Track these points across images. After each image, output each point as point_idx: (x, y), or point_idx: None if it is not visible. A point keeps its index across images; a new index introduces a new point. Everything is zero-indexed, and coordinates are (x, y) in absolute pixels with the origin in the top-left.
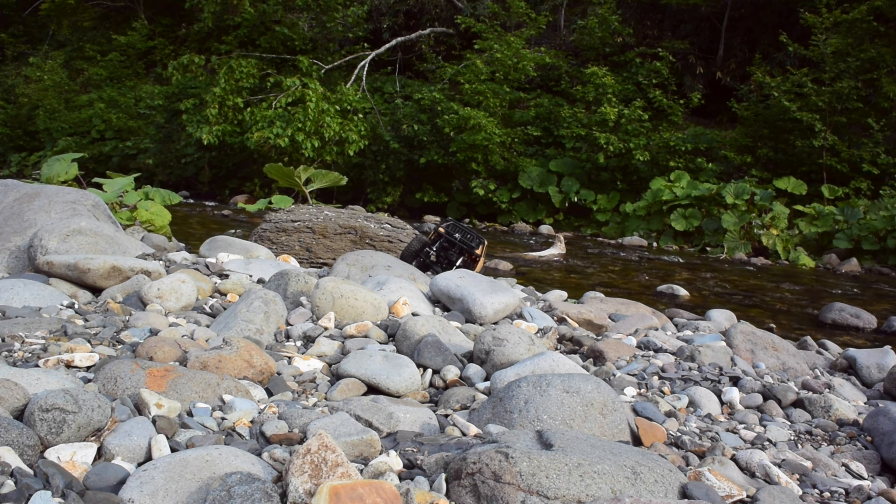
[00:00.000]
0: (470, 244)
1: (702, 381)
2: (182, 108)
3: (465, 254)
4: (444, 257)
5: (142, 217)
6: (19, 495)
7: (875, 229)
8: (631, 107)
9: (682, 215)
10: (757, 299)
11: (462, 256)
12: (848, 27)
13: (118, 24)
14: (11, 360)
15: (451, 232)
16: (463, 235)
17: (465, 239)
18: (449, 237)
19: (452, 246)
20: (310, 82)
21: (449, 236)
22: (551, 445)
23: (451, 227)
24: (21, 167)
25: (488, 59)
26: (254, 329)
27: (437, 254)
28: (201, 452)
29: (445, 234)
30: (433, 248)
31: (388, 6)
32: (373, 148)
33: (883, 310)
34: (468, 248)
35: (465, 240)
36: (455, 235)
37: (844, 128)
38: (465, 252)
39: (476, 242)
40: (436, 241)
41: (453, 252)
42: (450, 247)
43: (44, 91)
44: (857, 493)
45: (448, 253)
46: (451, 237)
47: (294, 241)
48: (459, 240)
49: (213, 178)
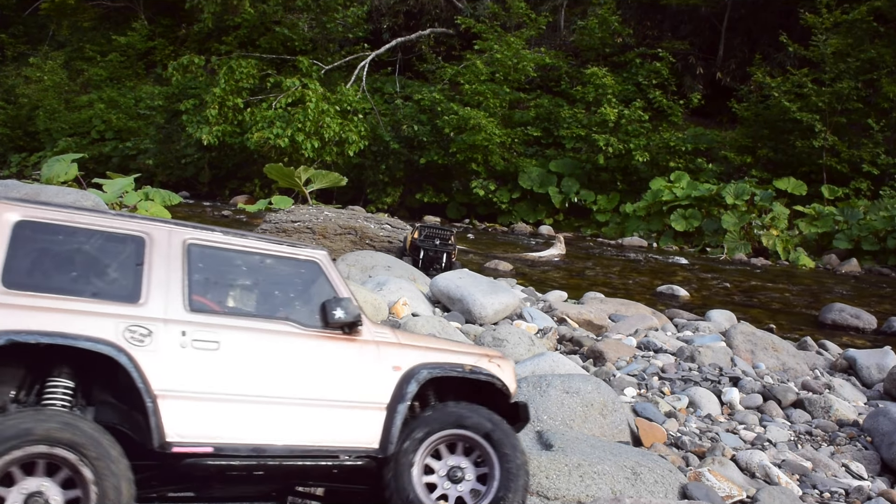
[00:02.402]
0: (447, 245)
1: (702, 382)
2: (182, 109)
3: (448, 254)
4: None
5: None
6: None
7: (875, 230)
8: (631, 107)
9: (682, 216)
10: (757, 300)
11: (447, 255)
12: (848, 28)
13: (118, 25)
14: None
15: (428, 239)
16: (441, 241)
17: (442, 244)
18: (428, 248)
19: (436, 252)
20: (310, 83)
21: (428, 247)
22: (551, 446)
23: (425, 236)
24: (21, 168)
25: (488, 59)
26: None
27: (423, 263)
28: None
29: (422, 245)
30: (419, 256)
31: (388, 7)
32: (373, 148)
33: (883, 310)
34: (448, 248)
35: (443, 245)
36: (435, 242)
37: (844, 128)
38: (448, 252)
39: (450, 240)
40: (416, 251)
41: (440, 254)
42: (434, 256)
43: (44, 91)
44: (857, 494)
45: (436, 255)
46: (431, 247)
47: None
48: (438, 245)
49: (213, 178)
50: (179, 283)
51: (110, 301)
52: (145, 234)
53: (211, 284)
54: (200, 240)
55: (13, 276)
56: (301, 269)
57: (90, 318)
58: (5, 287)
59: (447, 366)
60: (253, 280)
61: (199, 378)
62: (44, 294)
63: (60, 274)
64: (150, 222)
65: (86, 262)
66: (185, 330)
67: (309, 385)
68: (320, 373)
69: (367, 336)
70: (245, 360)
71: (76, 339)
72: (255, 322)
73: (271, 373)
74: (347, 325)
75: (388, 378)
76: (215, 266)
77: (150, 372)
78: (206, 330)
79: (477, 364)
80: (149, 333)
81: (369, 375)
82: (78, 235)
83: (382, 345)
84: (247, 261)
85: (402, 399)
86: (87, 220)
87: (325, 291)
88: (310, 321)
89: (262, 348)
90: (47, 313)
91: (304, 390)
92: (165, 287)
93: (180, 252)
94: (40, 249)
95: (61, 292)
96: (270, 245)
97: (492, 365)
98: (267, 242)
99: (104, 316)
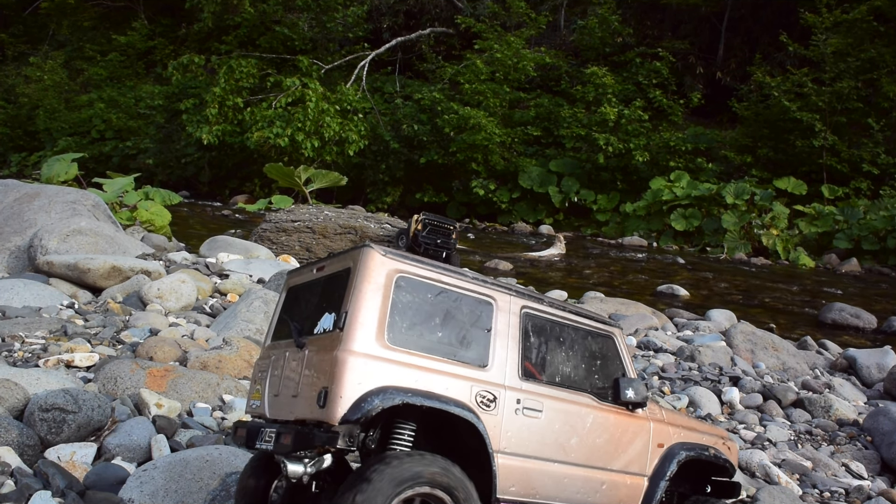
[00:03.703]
0: (449, 240)
1: (702, 381)
2: (182, 108)
3: (449, 254)
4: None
5: (142, 217)
6: (19, 495)
7: (875, 229)
8: (631, 107)
9: (682, 215)
10: (757, 299)
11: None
12: (848, 27)
13: (118, 24)
14: (11, 361)
15: (431, 234)
16: (444, 238)
17: (445, 240)
18: (429, 244)
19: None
20: (310, 82)
21: (429, 242)
22: None
23: (429, 231)
24: (21, 167)
25: (488, 59)
26: (254, 329)
27: None
28: (201, 452)
29: (423, 240)
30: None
31: (388, 6)
32: (373, 148)
33: (883, 310)
34: (450, 246)
35: (445, 240)
36: (437, 241)
37: (844, 128)
38: (449, 252)
39: (452, 235)
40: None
41: (449, 249)
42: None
43: (44, 91)
44: (857, 493)
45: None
46: (432, 244)
47: (294, 241)
48: (440, 243)
49: (213, 177)
50: (516, 350)
51: (466, 364)
52: (493, 299)
53: (534, 352)
54: (532, 308)
55: (394, 333)
56: (600, 342)
57: (453, 381)
58: (390, 344)
59: (698, 447)
60: (565, 350)
61: (524, 442)
62: (416, 353)
63: (429, 333)
64: (494, 287)
65: (449, 322)
66: (520, 398)
67: (598, 453)
68: (607, 443)
69: (644, 412)
70: (557, 427)
71: (447, 402)
72: (566, 393)
73: (573, 440)
74: (635, 404)
75: (653, 453)
76: (539, 334)
77: (493, 434)
78: (533, 398)
79: (716, 446)
80: (493, 399)
81: (641, 449)
82: (444, 295)
83: (653, 421)
84: (561, 331)
85: (663, 475)
86: (452, 281)
87: (617, 367)
88: (603, 395)
89: (570, 418)
90: (421, 373)
91: (595, 457)
92: (505, 353)
93: (518, 319)
94: (416, 307)
95: (430, 352)
96: (577, 316)
97: (724, 447)
98: (573, 313)
99: (462, 379)
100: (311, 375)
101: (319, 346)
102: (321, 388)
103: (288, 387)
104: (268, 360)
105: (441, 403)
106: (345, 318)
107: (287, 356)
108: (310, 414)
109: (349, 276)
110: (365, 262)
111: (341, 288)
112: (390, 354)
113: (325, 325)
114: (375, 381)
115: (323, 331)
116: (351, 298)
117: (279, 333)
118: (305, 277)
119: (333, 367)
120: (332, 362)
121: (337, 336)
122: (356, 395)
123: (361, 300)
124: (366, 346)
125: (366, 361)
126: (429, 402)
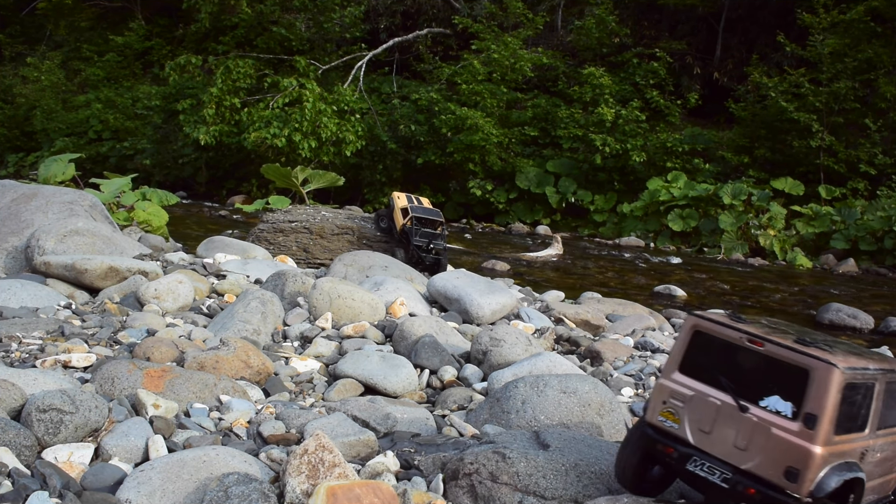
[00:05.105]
0: (441, 238)
1: None
2: (179, 109)
3: (438, 251)
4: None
5: (139, 217)
6: (16, 496)
7: (872, 230)
8: (628, 107)
9: (679, 216)
10: (754, 300)
11: (437, 252)
12: (845, 27)
13: (115, 25)
14: (9, 361)
15: (420, 227)
16: (436, 239)
17: (437, 242)
18: (420, 242)
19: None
20: (307, 83)
21: (420, 241)
22: (548, 446)
23: (421, 236)
24: (18, 167)
25: (485, 59)
26: (251, 329)
27: (412, 255)
28: (198, 453)
29: (418, 246)
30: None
31: (385, 7)
32: (370, 148)
33: (880, 310)
34: (439, 242)
35: (437, 242)
36: (430, 245)
37: (842, 128)
38: (438, 248)
39: (439, 228)
40: (407, 239)
41: (437, 241)
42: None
43: (41, 91)
44: None
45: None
46: (426, 249)
47: (291, 241)
48: (429, 237)
49: (211, 178)
50: None
51: None
52: None
53: None
54: None
55: (839, 427)
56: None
57: None
58: (835, 437)
59: None
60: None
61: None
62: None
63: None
64: None
65: None
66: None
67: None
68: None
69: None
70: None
71: None
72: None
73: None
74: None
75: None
76: None
77: None
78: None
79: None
80: None
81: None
82: (863, 387)
83: None
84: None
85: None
86: (871, 374)
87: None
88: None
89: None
90: None
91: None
92: None
93: None
94: (849, 403)
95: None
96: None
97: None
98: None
99: None
100: (766, 447)
101: (772, 424)
102: (788, 466)
103: (726, 434)
104: (681, 390)
105: None
106: (814, 421)
107: (719, 407)
108: (771, 478)
109: (808, 380)
110: (832, 380)
111: (795, 381)
112: (837, 442)
113: (776, 407)
114: (831, 465)
115: (776, 412)
116: (818, 406)
117: (691, 371)
118: (730, 337)
119: (807, 458)
120: (806, 454)
121: (802, 430)
122: (819, 477)
123: (827, 410)
124: (828, 442)
125: (828, 452)
126: None
